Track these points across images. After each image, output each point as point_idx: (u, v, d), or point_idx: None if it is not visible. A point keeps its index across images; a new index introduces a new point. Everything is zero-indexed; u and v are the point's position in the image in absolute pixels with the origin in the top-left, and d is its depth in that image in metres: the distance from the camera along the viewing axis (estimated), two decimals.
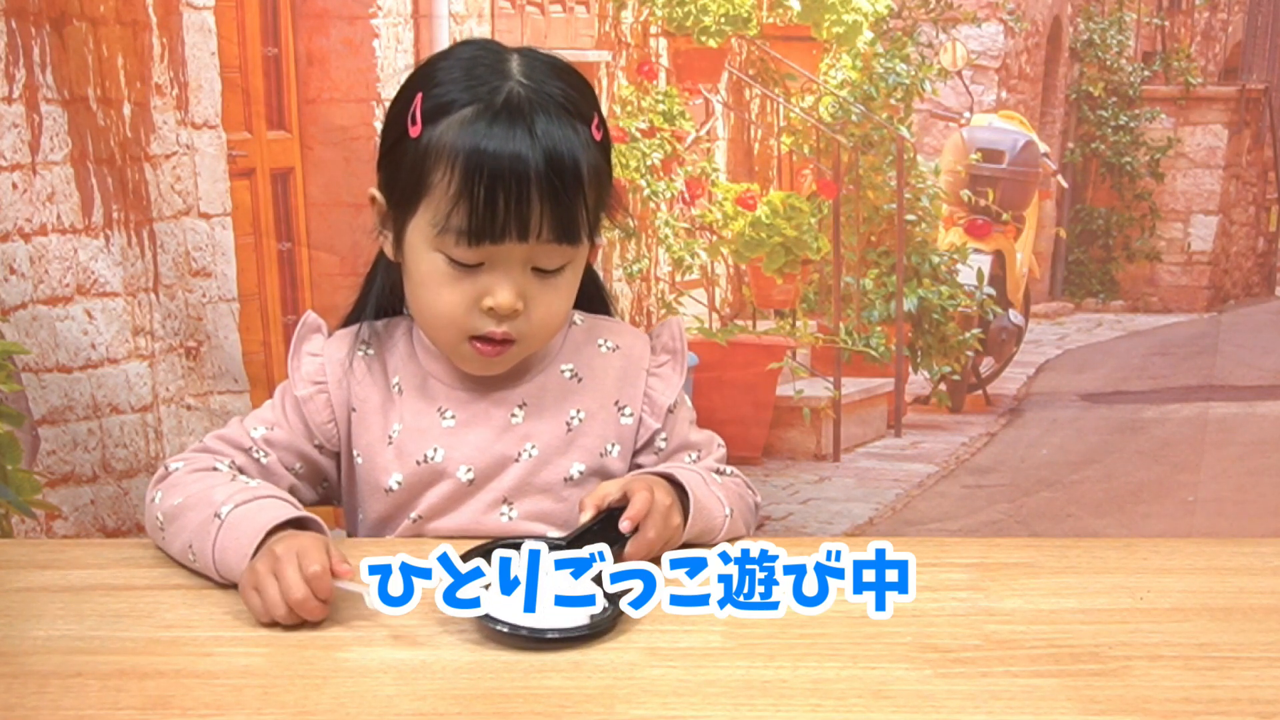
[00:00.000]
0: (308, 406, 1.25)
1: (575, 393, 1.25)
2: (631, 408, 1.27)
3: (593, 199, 1.16)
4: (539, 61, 1.18)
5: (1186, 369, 2.75)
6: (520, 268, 1.14)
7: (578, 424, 1.25)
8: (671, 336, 1.30)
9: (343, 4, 2.42)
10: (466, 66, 1.17)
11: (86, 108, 2.15)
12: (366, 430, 1.24)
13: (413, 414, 1.23)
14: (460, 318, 1.16)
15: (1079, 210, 2.89)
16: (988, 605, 1.04)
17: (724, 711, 0.86)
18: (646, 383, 1.28)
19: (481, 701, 0.88)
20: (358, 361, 1.25)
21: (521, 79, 1.14)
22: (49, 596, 1.06)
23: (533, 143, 1.10)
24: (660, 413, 1.28)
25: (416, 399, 1.24)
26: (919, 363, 2.74)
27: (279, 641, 0.98)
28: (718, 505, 1.20)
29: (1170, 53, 2.88)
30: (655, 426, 1.28)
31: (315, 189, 2.46)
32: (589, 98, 1.19)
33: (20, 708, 0.87)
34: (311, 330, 1.27)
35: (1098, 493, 2.60)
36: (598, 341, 1.29)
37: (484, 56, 1.17)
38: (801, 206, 2.69)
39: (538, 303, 1.16)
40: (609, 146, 1.21)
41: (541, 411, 1.24)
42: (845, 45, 2.65)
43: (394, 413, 1.24)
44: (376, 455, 1.24)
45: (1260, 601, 1.06)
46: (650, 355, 1.29)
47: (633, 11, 2.62)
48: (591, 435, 1.25)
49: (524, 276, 1.15)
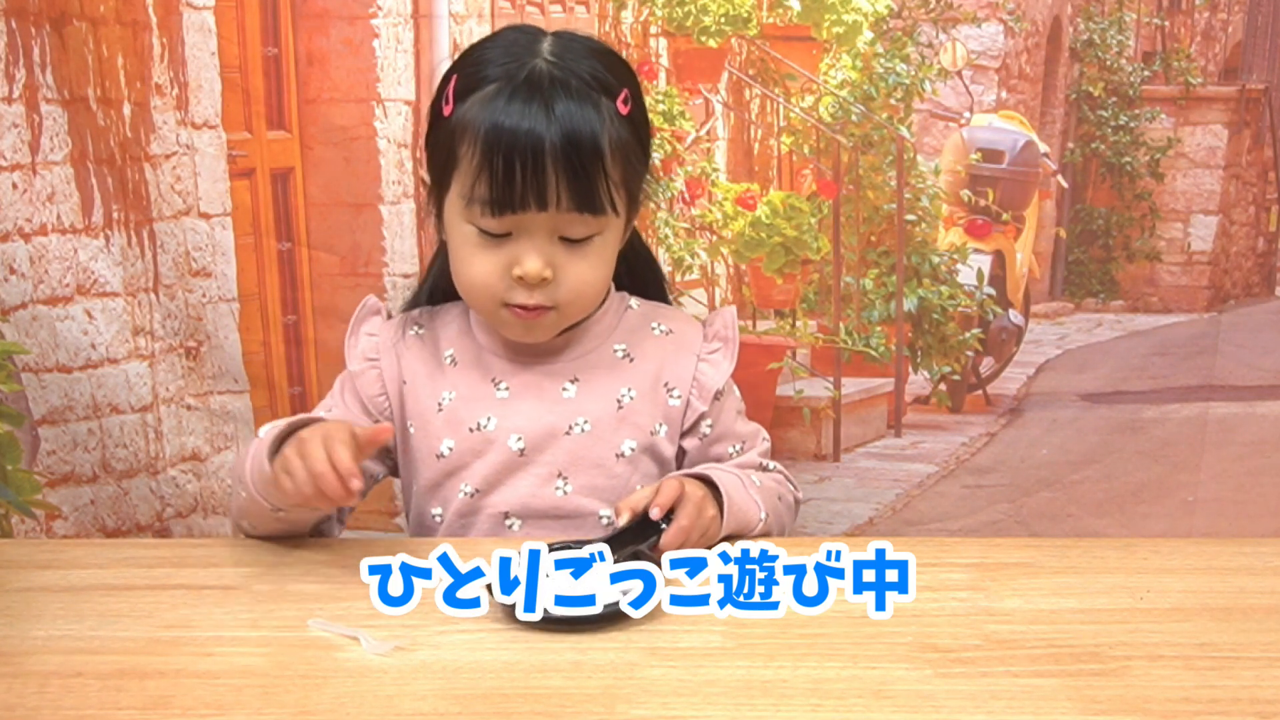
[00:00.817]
0: (359, 380, 1.30)
1: (626, 371, 1.29)
2: (680, 390, 1.30)
3: (618, 173, 1.19)
4: (574, 42, 1.22)
5: (1186, 369, 2.75)
6: (546, 236, 1.18)
7: (629, 402, 1.28)
8: (724, 325, 1.33)
9: (343, 4, 2.42)
10: (502, 47, 1.21)
11: (86, 108, 2.16)
12: (417, 401, 1.29)
13: (466, 384, 1.28)
14: (494, 285, 1.20)
15: (1079, 210, 2.89)
16: (988, 605, 1.04)
17: (724, 711, 0.86)
18: (696, 367, 1.31)
19: (481, 701, 0.88)
20: (410, 338, 1.30)
21: (548, 56, 1.18)
22: (49, 596, 1.06)
23: (548, 116, 1.14)
24: (707, 397, 1.31)
25: (470, 369, 1.28)
26: (919, 363, 2.74)
27: (279, 641, 0.98)
28: (754, 507, 1.22)
29: (1170, 53, 2.88)
30: (702, 409, 1.30)
31: (315, 189, 2.46)
32: (621, 75, 1.22)
33: (20, 708, 0.87)
34: (370, 312, 1.33)
35: (1098, 493, 2.60)
36: (651, 325, 1.32)
37: (520, 39, 1.22)
38: (801, 206, 2.69)
39: (567, 271, 1.20)
40: (641, 123, 1.24)
41: (592, 387, 1.27)
42: (845, 45, 2.65)
43: (444, 382, 1.28)
44: (428, 423, 1.28)
45: (1260, 601, 1.06)
46: (702, 341, 1.32)
47: (633, 11, 2.62)
48: (642, 414, 1.28)
49: (551, 245, 1.18)
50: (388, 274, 2.49)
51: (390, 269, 2.48)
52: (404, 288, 2.53)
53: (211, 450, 2.40)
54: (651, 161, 1.28)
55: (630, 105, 1.21)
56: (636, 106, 1.23)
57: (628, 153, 1.20)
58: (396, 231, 2.47)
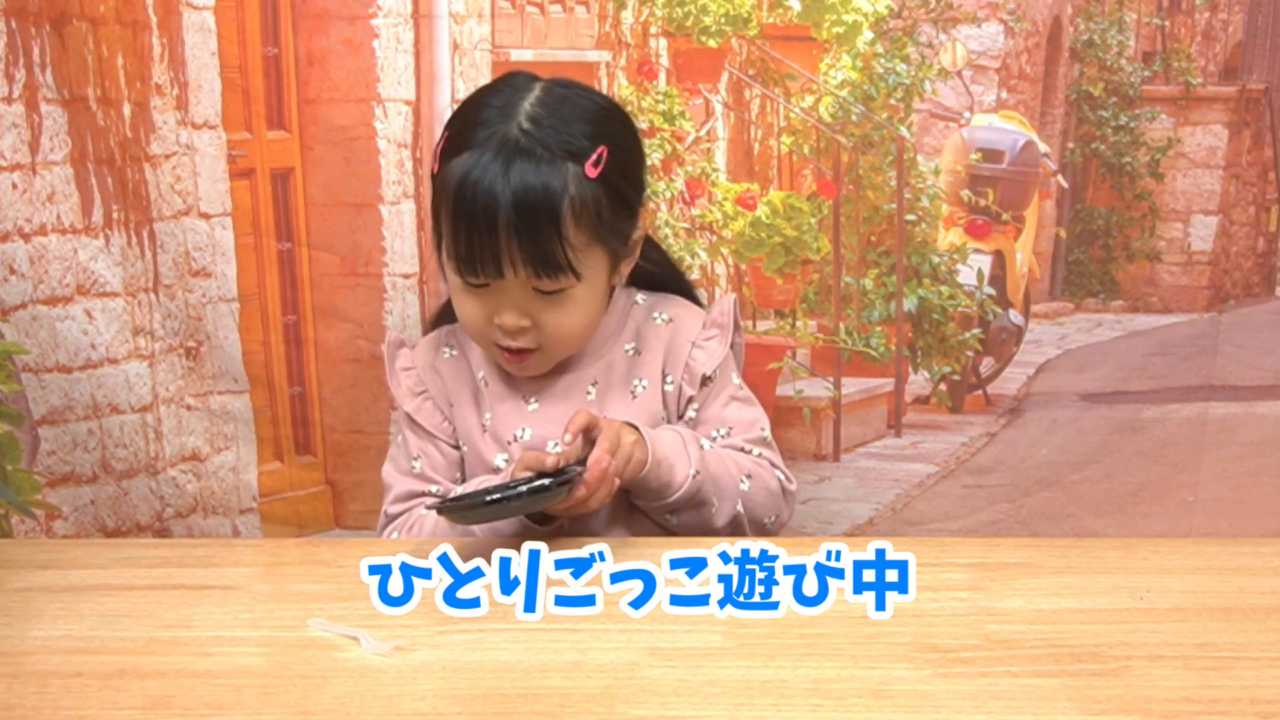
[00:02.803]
0: (421, 417, 1.35)
1: (636, 365, 1.35)
2: (673, 376, 1.35)
3: (584, 234, 1.23)
4: (556, 100, 1.25)
5: (1186, 369, 2.75)
6: (520, 290, 1.23)
7: (641, 391, 1.34)
8: (721, 312, 1.37)
9: (343, 4, 2.42)
10: (484, 108, 1.25)
11: (86, 108, 2.16)
12: (464, 422, 1.35)
13: (500, 401, 1.34)
14: (482, 329, 1.27)
15: (1079, 210, 2.89)
16: (988, 605, 1.04)
17: (724, 711, 0.86)
18: (690, 353, 1.35)
19: (481, 701, 0.88)
20: (444, 362, 1.36)
21: (523, 121, 1.22)
22: (49, 596, 1.06)
23: (505, 183, 1.20)
24: (696, 382, 1.34)
25: (502, 388, 1.34)
26: (919, 363, 2.74)
27: (279, 641, 0.98)
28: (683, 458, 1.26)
29: (1170, 53, 2.88)
30: (690, 393, 1.35)
31: (315, 189, 2.46)
32: (598, 133, 1.25)
33: (20, 708, 0.87)
34: (396, 348, 1.38)
35: (1098, 493, 2.60)
36: (654, 315, 1.37)
37: (502, 97, 1.26)
38: (801, 206, 2.69)
39: (546, 319, 1.25)
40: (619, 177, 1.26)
41: (611, 387, 1.34)
42: (845, 45, 2.65)
43: (484, 403, 1.34)
44: (477, 443, 1.34)
45: (1260, 601, 1.06)
46: (700, 329, 1.37)
47: (633, 11, 2.62)
48: (653, 400, 1.34)
49: (526, 297, 1.24)
50: (387, 274, 2.49)
51: (390, 269, 2.48)
52: (404, 288, 2.53)
53: (211, 450, 2.40)
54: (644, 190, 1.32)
55: (603, 166, 1.24)
56: (614, 162, 1.25)
57: (598, 212, 1.23)
58: (396, 231, 2.47)
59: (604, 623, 1.00)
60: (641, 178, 1.32)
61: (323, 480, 2.57)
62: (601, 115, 1.28)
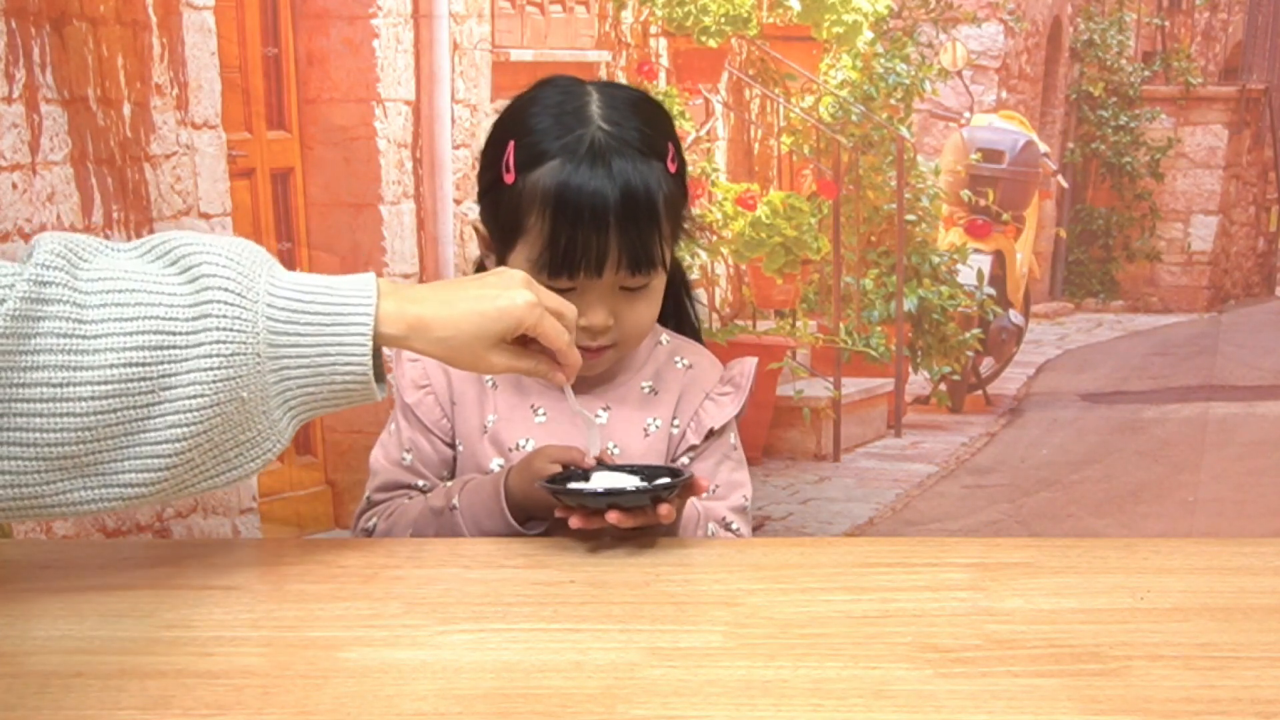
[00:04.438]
0: (420, 410, 1.38)
1: (651, 404, 1.38)
2: (680, 420, 1.39)
3: (669, 228, 1.29)
4: (619, 101, 1.30)
5: (1186, 369, 2.75)
6: (609, 290, 1.28)
7: (654, 431, 1.37)
8: (741, 373, 1.41)
9: (343, 4, 2.42)
10: (554, 114, 1.29)
11: (86, 108, 2.15)
12: (465, 421, 1.37)
13: (507, 406, 1.36)
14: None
15: (1079, 210, 2.88)
16: (988, 605, 1.04)
17: (724, 711, 0.86)
18: (701, 404, 1.39)
19: (482, 701, 0.88)
20: None
21: (602, 124, 1.26)
22: (49, 596, 1.06)
23: (611, 185, 1.24)
24: (702, 432, 1.39)
25: (510, 393, 1.37)
26: (919, 363, 2.74)
27: (279, 641, 0.98)
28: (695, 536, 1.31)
29: (1170, 53, 2.88)
30: (694, 442, 1.38)
31: (315, 189, 2.46)
32: (664, 130, 1.31)
33: (20, 708, 0.87)
34: None
35: (1098, 493, 2.60)
36: (675, 359, 1.42)
37: (568, 102, 1.30)
38: (801, 206, 2.69)
39: (627, 316, 1.30)
40: (684, 172, 1.33)
41: (623, 416, 1.37)
42: (845, 45, 2.65)
43: (489, 404, 1.37)
44: (475, 444, 1.36)
45: (1260, 601, 1.06)
46: (717, 382, 1.41)
47: (633, 11, 2.62)
48: (660, 441, 1.38)
49: (613, 296, 1.29)
50: (388, 274, 2.49)
51: (390, 269, 2.48)
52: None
53: None
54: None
55: (676, 162, 1.30)
56: (678, 158, 1.31)
57: (677, 205, 1.30)
58: (396, 231, 2.47)
59: (604, 623, 1.00)
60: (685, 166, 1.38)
61: (323, 480, 2.57)
62: (658, 111, 1.34)
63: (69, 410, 0.92)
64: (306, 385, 1.00)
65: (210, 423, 0.96)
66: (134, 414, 0.94)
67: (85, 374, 0.92)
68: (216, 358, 0.96)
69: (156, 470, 0.96)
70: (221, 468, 0.99)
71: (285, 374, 0.99)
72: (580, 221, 1.23)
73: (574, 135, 1.26)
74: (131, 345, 0.94)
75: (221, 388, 0.96)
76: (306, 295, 1.00)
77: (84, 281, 0.95)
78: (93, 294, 0.95)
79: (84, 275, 0.95)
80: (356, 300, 1.02)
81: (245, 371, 0.97)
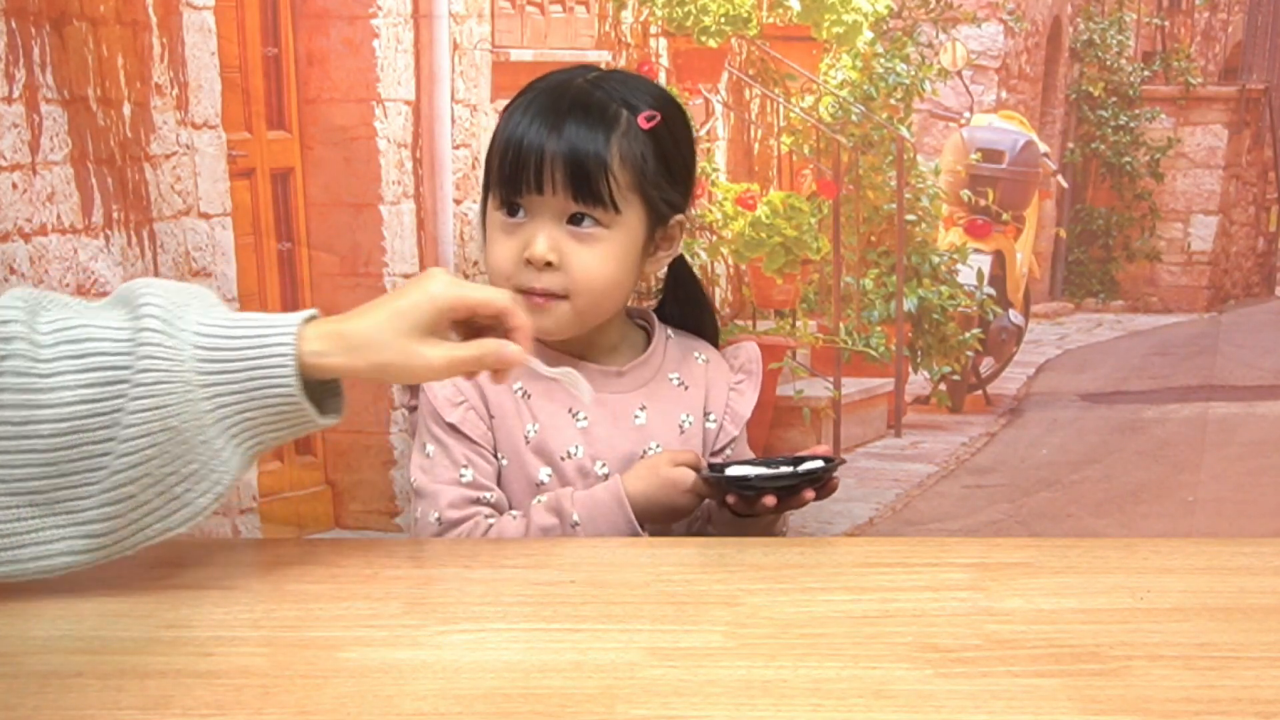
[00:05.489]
0: (465, 426, 1.37)
1: (683, 399, 1.40)
2: (715, 414, 1.42)
3: (626, 176, 1.29)
4: (620, 73, 1.37)
5: (1186, 369, 2.75)
6: (554, 222, 1.29)
7: (689, 426, 1.40)
8: (749, 359, 1.46)
9: (343, 4, 2.42)
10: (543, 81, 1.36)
11: (86, 108, 2.15)
12: (508, 434, 1.37)
13: (547, 415, 1.37)
14: (510, 269, 1.32)
15: (1079, 210, 2.88)
16: (988, 605, 1.04)
17: (724, 711, 0.86)
18: (728, 395, 1.43)
19: (482, 701, 0.88)
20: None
21: (584, 79, 1.32)
22: (49, 596, 1.06)
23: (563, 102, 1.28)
24: (740, 423, 1.43)
25: (546, 402, 1.37)
26: (919, 363, 2.74)
27: (279, 641, 0.98)
28: None
29: (1170, 53, 2.88)
30: (734, 433, 1.43)
31: (315, 189, 2.46)
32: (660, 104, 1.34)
33: (20, 708, 0.87)
34: None
35: (1098, 493, 2.60)
36: (693, 354, 1.44)
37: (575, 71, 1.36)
38: (801, 206, 2.69)
39: (573, 259, 1.30)
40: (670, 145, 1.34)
41: (659, 414, 1.39)
42: (845, 45, 2.65)
43: (527, 415, 1.37)
44: (520, 455, 1.36)
45: (1260, 601, 1.06)
46: (729, 372, 1.45)
47: (633, 11, 2.62)
48: (697, 436, 1.40)
49: (558, 230, 1.29)
50: (388, 274, 2.49)
51: (390, 269, 2.48)
52: None
53: None
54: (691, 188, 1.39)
55: (655, 126, 1.31)
56: (667, 132, 1.33)
57: (643, 158, 1.30)
58: (396, 231, 2.47)
59: (604, 623, 1.00)
60: (690, 164, 1.38)
61: (323, 480, 2.56)
62: (664, 95, 1.37)
63: (32, 446, 0.95)
64: (241, 409, 1.01)
65: (145, 454, 0.97)
66: (93, 449, 0.96)
67: (44, 412, 0.95)
68: (143, 386, 0.97)
69: (113, 504, 0.98)
70: (172, 505, 1.01)
71: (219, 399, 1.00)
72: (528, 129, 1.26)
73: (551, 83, 1.32)
74: (84, 383, 0.96)
75: (150, 416, 0.97)
76: (234, 323, 1.02)
77: (42, 323, 0.98)
78: (48, 334, 0.98)
79: (42, 319, 0.99)
80: (280, 323, 1.03)
81: (174, 400, 0.98)
